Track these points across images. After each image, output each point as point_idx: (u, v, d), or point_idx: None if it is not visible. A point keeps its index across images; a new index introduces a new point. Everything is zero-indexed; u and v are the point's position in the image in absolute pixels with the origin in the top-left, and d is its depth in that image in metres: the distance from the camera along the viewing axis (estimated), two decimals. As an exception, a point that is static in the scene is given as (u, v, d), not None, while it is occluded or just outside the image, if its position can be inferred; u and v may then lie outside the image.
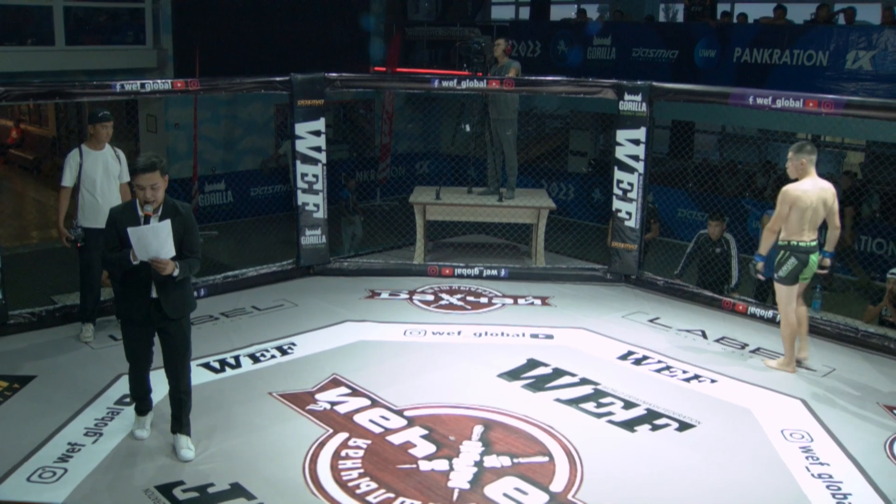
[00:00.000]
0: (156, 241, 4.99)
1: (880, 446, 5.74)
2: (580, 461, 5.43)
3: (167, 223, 5.03)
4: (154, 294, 5.20)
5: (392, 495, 5.00)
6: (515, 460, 5.42)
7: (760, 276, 7.05)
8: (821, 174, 6.87)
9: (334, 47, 17.15)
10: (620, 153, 8.89)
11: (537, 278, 9.30)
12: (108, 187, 7.17)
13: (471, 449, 5.54)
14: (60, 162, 7.31)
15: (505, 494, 5.04)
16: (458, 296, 8.77)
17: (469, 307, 8.46)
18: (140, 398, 5.71)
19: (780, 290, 6.90)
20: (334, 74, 9.06)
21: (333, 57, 16.19)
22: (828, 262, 6.91)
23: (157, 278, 5.14)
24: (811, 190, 6.66)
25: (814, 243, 6.76)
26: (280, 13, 16.50)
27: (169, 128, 15.85)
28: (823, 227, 6.92)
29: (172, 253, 5.07)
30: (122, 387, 6.34)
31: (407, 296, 8.71)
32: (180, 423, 5.48)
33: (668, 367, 7.01)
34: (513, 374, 6.78)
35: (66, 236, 7.16)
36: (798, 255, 6.73)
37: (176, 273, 5.12)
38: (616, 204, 9.00)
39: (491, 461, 5.40)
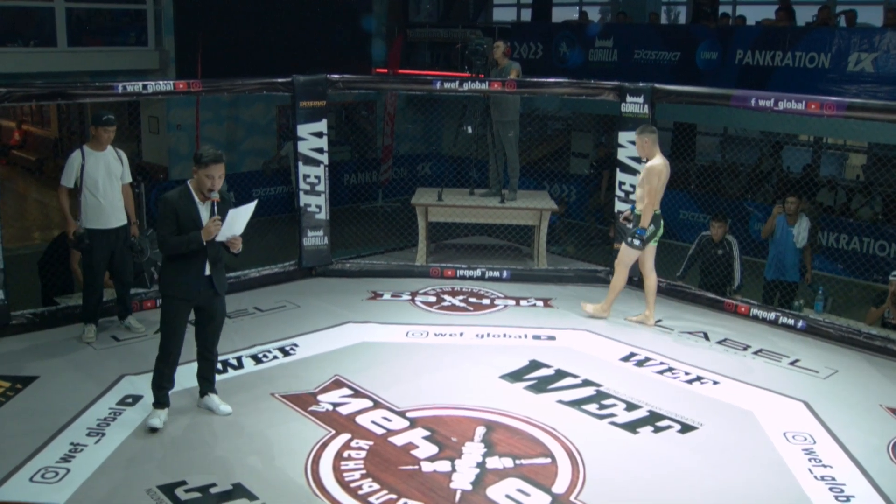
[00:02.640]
0: (242, 220, 5.58)
1: (883, 448, 5.74)
2: (582, 463, 5.43)
3: (254, 203, 5.68)
4: (208, 272, 5.66)
5: (394, 496, 5.00)
6: (518, 461, 5.41)
7: (640, 248, 7.86)
8: (825, 175, 6.94)
9: (336, 49, 17.17)
10: (623, 155, 8.89)
11: (539, 280, 9.30)
12: (110, 188, 7.17)
13: (473, 450, 5.54)
14: (63, 163, 7.32)
15: (507, 496, 5.04)
16: (461, 297, 8.76)
17: (471, 308, 8.46)
18: (162, 389, 5.80)
19: (632, 254, 7.89)
20: (336, 76, 9.06)
21: (335, 58, 16.21)
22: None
23: (210, 257, 5.64)
24: (665, 165, 7.70)
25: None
26: (282, 15, 16.53)
27: (171, 129, 15.86)
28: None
29: (243, 230, 5.66)
30: (125, 388, 6.36)
31: (409, 297, 8.71)
32: (210, 382, 6.02)
33: (670, 369, 7.01)
34: (515, 376, 6.78)
35: (76, 231, 7.14)
36: (656, 222, 7.79)
37: (239, 249, 5.71)
38: (618, 205, 8.99)
39: (493, 462, 5.40)
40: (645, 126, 7.89)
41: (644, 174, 7.73)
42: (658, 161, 7.67)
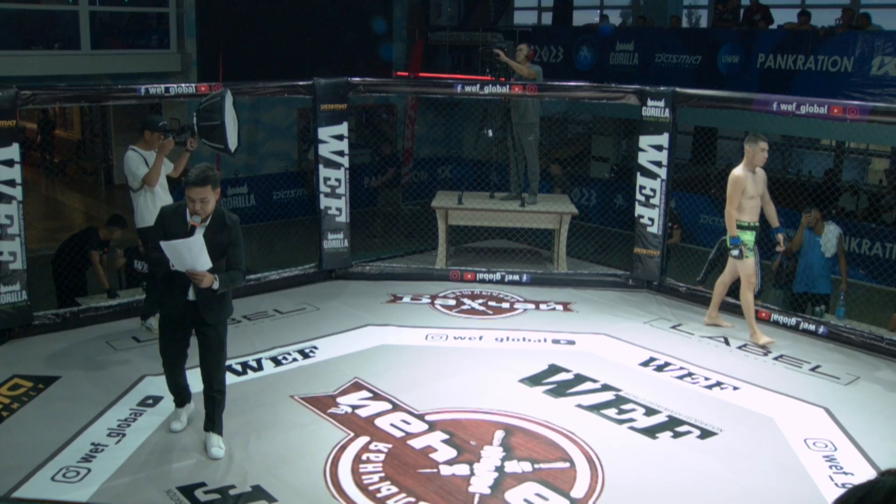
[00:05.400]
0: (189, 255, 5.09)
1: (905, 456, 5.69)
2: (601, 467, 5.42)
3: (199, 238, 5.12)
4: (191, 297, 5.30)
5: (413, 499, 5.01)
6: (536, 466, 5.41)
7: (738, 258, 7.75)
8: (846, 180, 6.95)
9: (357, 52, 17.21)
10: (643, 159, 8.87)
11: (559, 284, 9.28)
12: (166, 185, 7.31)
13: (492, 454, 5.54)
14: (86, 165, 7.39)
15: (526, 500, 5.03)
16: (480, 301, 8.76)
17: (491, 312, 8.45)
18: (176, 393, 5.82)
19: (741, 267, 7.75)
20: (357, 79, 9.09)
21: (356, 61, 16.25)
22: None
23: (195, 286, 5.23)
24: (741, 175, 7.70)
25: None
26: (303, 18, 16.58)
27: (192, 131, 15.93)
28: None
29: (209, 265, 5.15)
30: (146, 388, 6.40)
31: (429, 300, 8.71)
32: (213, 421, 5.54)
33: (690, 374, 6.98)
34: (534, 380, 6.77)
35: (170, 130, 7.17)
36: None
37: (216, 286, 5.21)
38: (638, 210, 8.97)
39: (512, 466, 5.39)
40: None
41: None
42: (734, 170, 7.71)
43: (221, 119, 6.80)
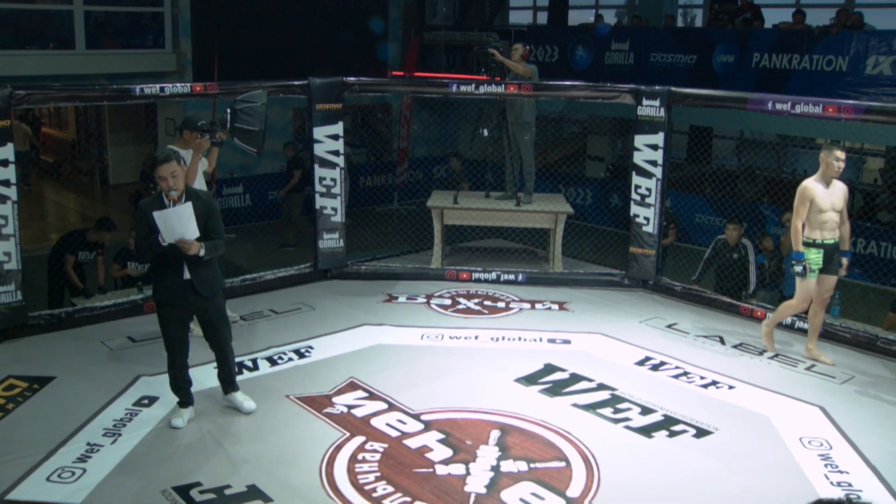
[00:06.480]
0: (179, 222, 5.41)
1: (900, 454, 5.70)
2: (597, 467, 5.42)
3: (189, 205, 5.48)
4: (187, 275, 5.60)
5: (408, 499, 5.01)
6: (532, 465, 5.41)
7: (801, 275, 7.12)
8: (842, 178, 7.02)
9: (352, 51, 17.20)
10: (638, 158, 8.87)
11: (555, 283, 9.28)
12: (200, 183, 7.29)
13: (487, 453, 5.54)
14: (80, 165, 7.38)
15: (521, 499, 5.03)
16: (476, 300, 8.76)
17: (486, 311, 8.45)
18: (180, 389, 5.87)
19: (800, 286, 7.19)
20: (352, 78, 9.08)
21: (351, 61, 16.23)
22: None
23: (186, 260, 5.54)
24: (808, 187, 7.08)
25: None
26: (298, 17, 16.58)
27: (188, 131, 15.90)
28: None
29: (196, 234, 5.49)
30: (141, 388, 6.40)
31: (424, 300, 8.71)
32: (230, 383, 6.00)
33: (685, 373, 6.98)
34: (530, 379, 6.77)
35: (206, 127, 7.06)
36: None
37: (202, 253, 5.53)
38: (634, 209, 8.97)
39: (508, 466, 5.39)
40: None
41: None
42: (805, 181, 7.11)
43: (262, 127, 7.15)
